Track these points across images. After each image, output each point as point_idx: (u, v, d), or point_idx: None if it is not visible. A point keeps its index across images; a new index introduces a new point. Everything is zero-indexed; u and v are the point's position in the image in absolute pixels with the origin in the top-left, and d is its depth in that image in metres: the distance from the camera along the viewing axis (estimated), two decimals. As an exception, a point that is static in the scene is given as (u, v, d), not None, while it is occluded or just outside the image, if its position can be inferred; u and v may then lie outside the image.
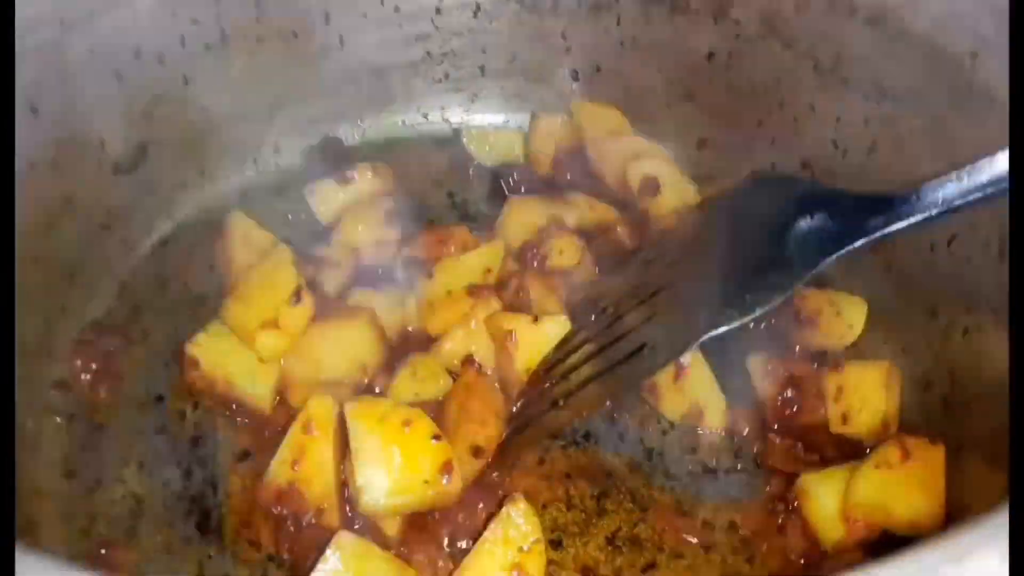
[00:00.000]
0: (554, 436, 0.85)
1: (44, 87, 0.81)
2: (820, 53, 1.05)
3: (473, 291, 0.86)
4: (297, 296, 0.83)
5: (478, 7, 1.18)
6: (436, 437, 0.74)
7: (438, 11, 1.17)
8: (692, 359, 0.86)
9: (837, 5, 1.02)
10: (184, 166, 1.04)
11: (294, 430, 0.75)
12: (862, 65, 1.01)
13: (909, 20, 0.95)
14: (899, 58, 0.97)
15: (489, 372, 0.83)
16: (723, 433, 0.87)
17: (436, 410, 0.80)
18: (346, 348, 0.84)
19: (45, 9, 0.81)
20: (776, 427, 0.87)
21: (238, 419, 0.83)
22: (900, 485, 0.74)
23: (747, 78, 1.14)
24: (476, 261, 0.88)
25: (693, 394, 0.87)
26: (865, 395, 0.83)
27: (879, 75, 0.99)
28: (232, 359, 0.83)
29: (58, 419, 0.80)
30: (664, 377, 0.88)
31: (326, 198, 1.05)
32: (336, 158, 1.16)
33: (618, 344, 0.80)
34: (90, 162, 0.90)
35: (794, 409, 0.88)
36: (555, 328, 0.85)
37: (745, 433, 0.87)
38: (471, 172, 1.20)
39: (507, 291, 0.92)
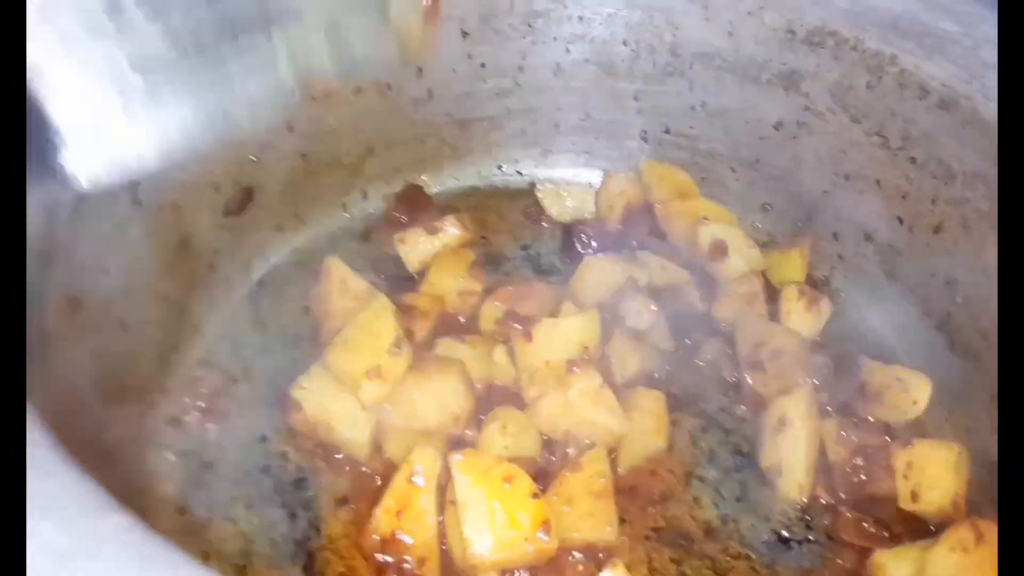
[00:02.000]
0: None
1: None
2: (889, 131, 1.06)
3: (572, 364, 0.87)
4: (398, 346, 0.84)
5: (558, 67, 1.20)
6: (535, 495, 0.74)
7: (521, 69, 1.19)
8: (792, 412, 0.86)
9: (908, 86, 1.03)
10: (282, 210, 1.05)
11: (399, 480, 0.76)
12: (931, 146, 1.02)
13: (980, 106, 0.97)
14: (969, 142, 0.98)
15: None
16: (798, 498, 0.87)
17: (528, 466, 0.81)
18: (440, 399, 0.85)
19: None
20: (846, 497, 0.87)
21: (336, 463, 0.84)
22: (974, 568, 0.74)
23: (814, 149, 1.15)
24: (575, 334, 0.89)
25: (785, 449, 0.87)
26: (935, 475, 0.84)
27: (948, 157, 1.00)
28: (334, 404, 0.84)
29: (171, 456, 0.81)
30: (771, 423, 0.88)
31: (415, 247, 1.06)
32: (417, 205, 1.18)
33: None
34: (206, 205, 0.92)
35: (863, 478, 0.88)
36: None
37: (818, 500, 0.87)
38: (544, 224, 1.21)
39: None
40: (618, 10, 1.14)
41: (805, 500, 0.88)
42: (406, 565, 0.75)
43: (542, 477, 0.82)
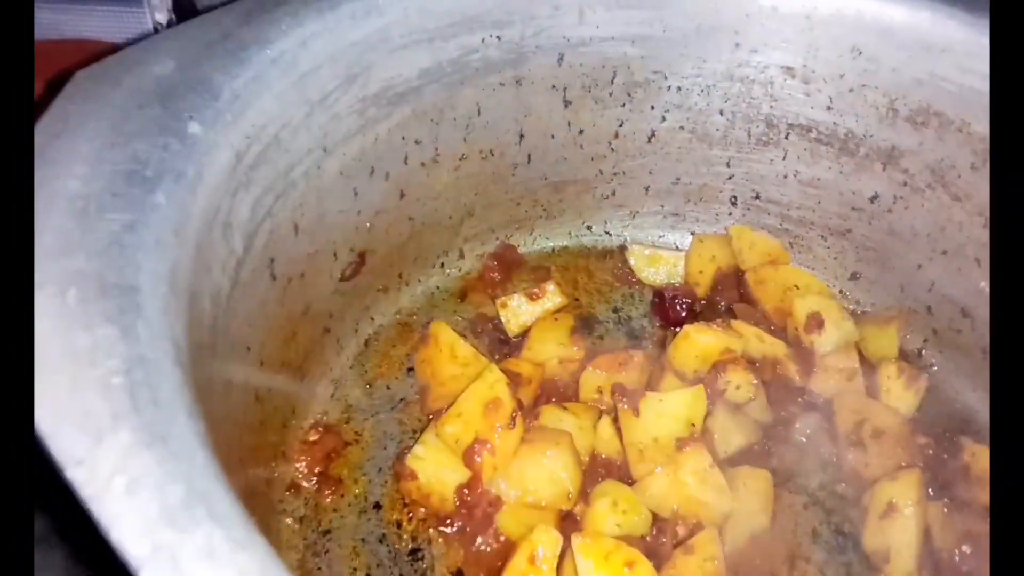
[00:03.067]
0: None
1: (305, 207, 0.85)
2: (986, 210, 1.04)
3: (681, 443, 0.86)
4: (512, 421, 0.84)
5: (653, 133, 1.20)
6: (654, 581, 0.73)
7: (616, 135, 1.19)
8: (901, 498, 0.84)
9: (1012, 168, 1.01)
10: (388, 271, 1.06)
11: (519, 559, 0.76)
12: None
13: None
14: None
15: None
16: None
17: (638, 544, 0.80)
18: (552, 474, 0.84)
19: (316, 136, 0.84)
20: (955, 585, 0.85)
21: (449, 535, 0.84)
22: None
23: (909, 223, 1.13)
24: (682, 410, 0.88)
25: (893, 535, 0.85)
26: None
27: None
28: (449, 476, 0.84)
29: (291, 522, 0.81)
30: (877, 506, 0.86)
31: (516, 312, 1.07)
32: (511, 264, 1.18)
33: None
34: (325, 272, 0.93)
35: (972, 566, 0.86)
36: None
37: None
38: (634, 286, 1.20)
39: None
40: (717, 82, 1.14)
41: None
42: (525, 645, 0.74)
43: (652, 555, 0.80)
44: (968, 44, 1.02)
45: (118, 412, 0.46)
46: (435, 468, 0.84)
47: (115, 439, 0.45)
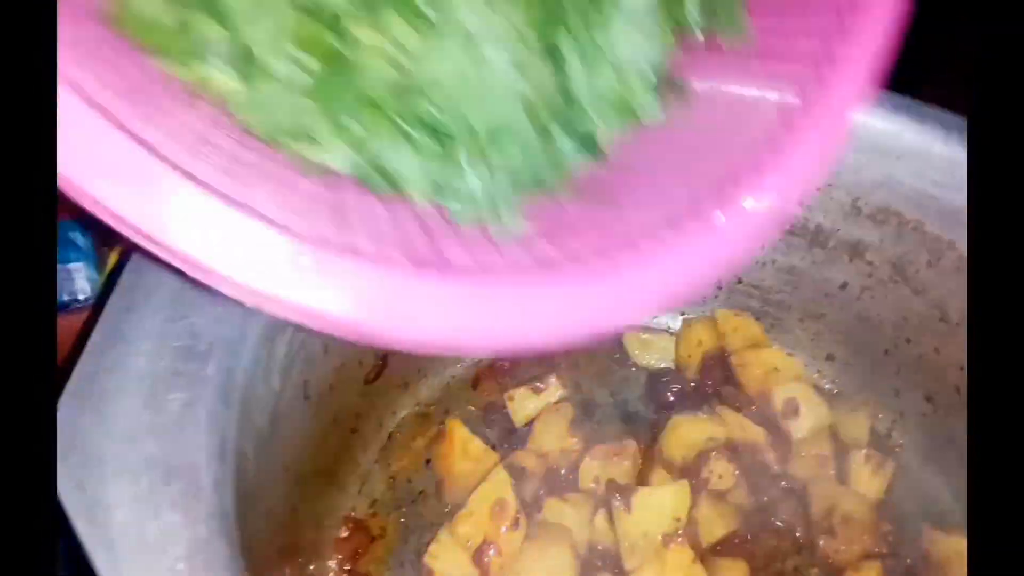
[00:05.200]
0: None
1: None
2: (948, 306, 1.09)
3: (667, 539, 0.92)
4: (516, 523, 0.91)
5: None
6: None
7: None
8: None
9: (965, 272, 1.06)
10: (408, 368, 1.13)
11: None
12: (988, 325, 1.05)
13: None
14: (1026, 329, 1.00)
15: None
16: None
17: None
18: (551, 570, 0.90)
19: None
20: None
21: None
22: None
23: (876, 312, 1.18)
24: (668, 506, 0.94)
25: None
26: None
27: (1004, 339, 1.03)
28: (460, 572, 0.90)
29: (326, 618, 0.88)
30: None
31: (522, 404, 1.13)
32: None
33: None
34: (351, 380, 0.99)
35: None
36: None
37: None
38: (630, 369, 1.26)
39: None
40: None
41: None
42: None
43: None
44: (920, 153, 1.07)
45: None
46: (450, 567, 0.91)
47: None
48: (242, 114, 0.55)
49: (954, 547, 0.98)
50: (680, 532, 0.95)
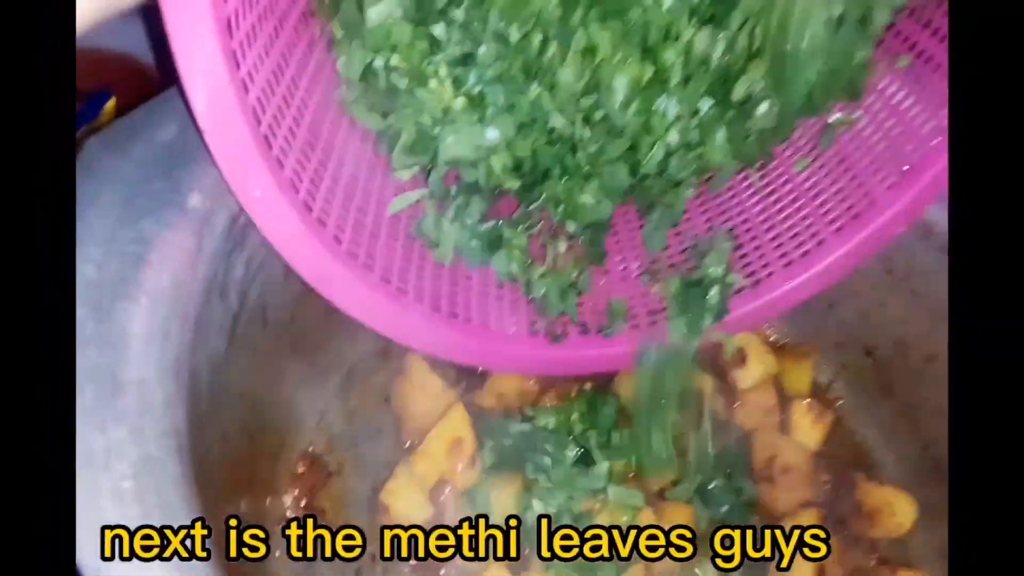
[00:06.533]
0: None
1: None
2: (895, 263, 1.09)
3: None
4: (472, 461, 0.89)
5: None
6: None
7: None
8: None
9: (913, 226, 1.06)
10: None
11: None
12: (931, 282, 1.05)
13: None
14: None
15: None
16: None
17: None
18: (505, 508, 0.89)
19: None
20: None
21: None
22: None
23: (825, 267, 1.18)
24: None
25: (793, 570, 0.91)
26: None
27: (945, 296, 1.03)
28: (417, 512, 0.88)
29: (279, 554, 0.84)
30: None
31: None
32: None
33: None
34: (313, 310, 0.92)
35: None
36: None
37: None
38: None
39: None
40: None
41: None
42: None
43: None
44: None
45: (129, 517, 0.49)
46: (406, 505, 0.88)
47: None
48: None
49: (886, 497, 0.99)
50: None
